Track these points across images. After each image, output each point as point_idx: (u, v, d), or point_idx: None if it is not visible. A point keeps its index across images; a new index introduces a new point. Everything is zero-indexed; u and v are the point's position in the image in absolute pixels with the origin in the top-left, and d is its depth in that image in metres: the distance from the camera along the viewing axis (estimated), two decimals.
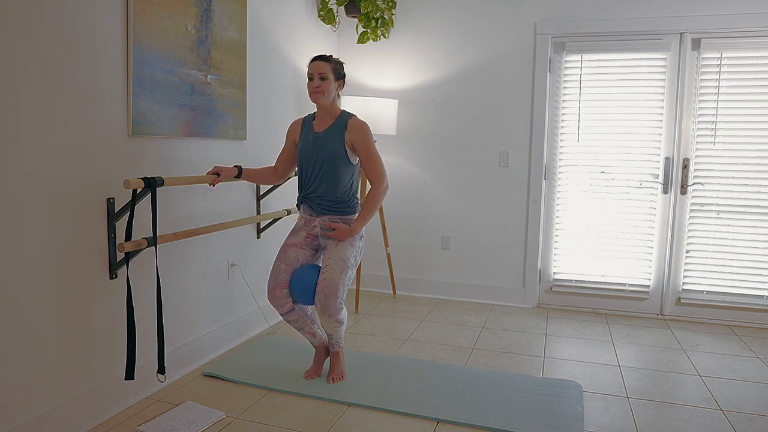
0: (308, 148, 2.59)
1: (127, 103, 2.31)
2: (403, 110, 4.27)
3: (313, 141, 2.58)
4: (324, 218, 2.60)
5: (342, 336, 2.64)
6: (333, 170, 2.55)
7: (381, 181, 2.59)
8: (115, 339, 2.33)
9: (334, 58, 2.57)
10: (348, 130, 2.55)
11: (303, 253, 2.63)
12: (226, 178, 2.60)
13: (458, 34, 4.09)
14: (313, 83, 2.53)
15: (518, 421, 2.30)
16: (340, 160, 2.54)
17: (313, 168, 2.58)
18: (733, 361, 3.08)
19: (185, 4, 2.59)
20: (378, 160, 2.59)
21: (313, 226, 2.63)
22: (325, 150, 2.55)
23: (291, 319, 2.62)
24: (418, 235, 4.32)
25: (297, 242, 2.64)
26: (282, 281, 2.58)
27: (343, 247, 2.56)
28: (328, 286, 2.47)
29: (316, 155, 2.56)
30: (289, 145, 2.74)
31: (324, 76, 2.52)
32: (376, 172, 2.58)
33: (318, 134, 2.59)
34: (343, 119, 2.58)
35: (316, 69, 2.52)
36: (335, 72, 2.55)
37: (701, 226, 3.75)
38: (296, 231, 2.67)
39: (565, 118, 3.93)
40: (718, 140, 3.66)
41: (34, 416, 1.98)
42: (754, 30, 3.52)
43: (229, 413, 2.36)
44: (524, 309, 4.04)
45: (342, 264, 2.51)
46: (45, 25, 1.94)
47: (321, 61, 2.53)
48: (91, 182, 2.16)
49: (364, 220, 2.59)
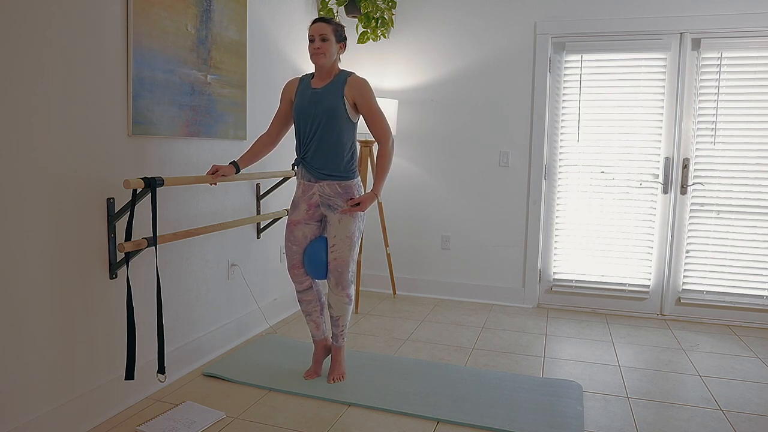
0: (305, 104, 2.53)
1: (127, 103, 2.31)
2: (403, 110, 4.27)
3: (310, 97, 2.53)
4: (323, 184, 2.56)
5: (348, 321, 2.67)
6: (332, 126, 2.49)
7: (388, 138, 2.58)
8: (115, 339, 2.33)
9: (334, 21, 2.54)
10: (348, 85, 2.51)
11: (309, 229, 2.63)
12: (226, 175, 2.55)
13: (458, 34, 4.09)
14: (314, 44, 2.49)
15: (518, 421, 2.30)
16: (339, 116, 2.49)
17: (311, 125, 2.52)
18: (733, 361, 3.08)
19: (185, 4, 2.59)
20: (382, 115, 2.55)
21: (312, 194, 2.59)
22: (324, 105, 2.49)
23: (305, 299, 2.68)
24: (418, 235, 4.32)
25: (300, 218, 2.62)
26: (297, 262, 2.65)
27: (346, 222, 2.55)
28: (339, 264, 2.56)
29: (314, 110, 2.50)
30: (285, 106, 2.67)
31: (325, 37, 2.48)
32: (381, 128, 2.55)
33: (316, 90, 2.53)
34: (343, 76, 2.54)
35: (317, 30, 2.49)
36: (336, 33, 2.52)
37: (701, 226, 3.75)
38: (296, 204, 2.63)
39: (565, 118, 3.93)
40: (718, 140, 3.66)
41: (34, 416, 1.98)
42: (754, 30, 3.52)
43: (229, 413, 2.36)
44: (524, 309, 4.04)
45: (348, 241, 2.56)
46: (45, 26, 1.94)
47: (322, 23, 2.49)
48: (91, 182, 2.16)
49: (382, 181, 2.58)
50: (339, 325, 2.66)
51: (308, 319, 2.72)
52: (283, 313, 3.73)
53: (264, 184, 3.40)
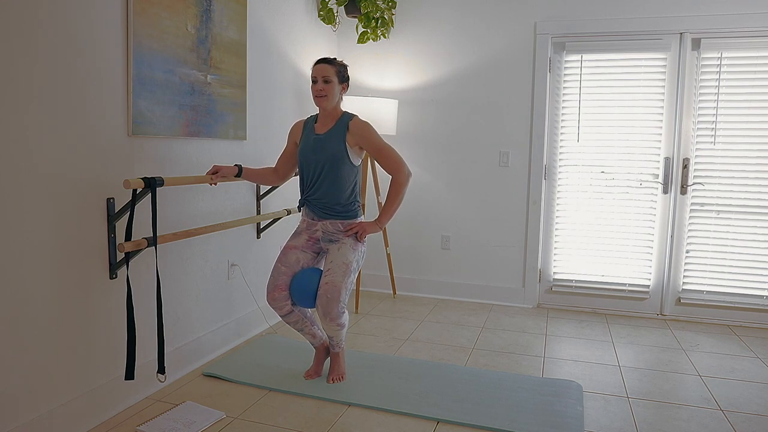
0: (309, 150, 2.57)
1: (127, 103, 2.31)
2: (403, 110, 4.27)
3: (314, 143, 2.57)
4: (326, 223, 2.59)
5: (343, 338, 2.63)
6: (334, 172, 2.53)
7: (400, 169, 2.54)
8: (115, 339, 2.33)
9: (338, 61, 2.55)
10: (350, 131, 2.53)
11: (304, 256, 2.62)
12: (226, 176, 2.58)
13: (458, 34, 4.09)
14: (317, 86, 2.50)
15: (518, 421, 2.30)
16: (341, 162, 2.52)
17: (314, 170, 2.56)
18: (733, 361, 3.08)
19: (185, 4, 2.59)
20: (389, 150, 2.54)
21: (315, 230, 2.62)
22: (327, 151, 2.53)
23: (290, 321, 2.62)
24: (418, 235, 4.32)
25: (298, 245, 2.63)
26: (281, 283, 2.56)
27: (345, 250, 2.54)
28: (330, 290, 2.45)
29: (316, 157, 2.54)
30: (291, 147, 2.73)
31: (328, 79, 2.49)
32: (391, 162, 2.54)
33: (319, 136, 2.57)
34: (345, 120, 2.56)
35: (320, 72, 2.50)
36: (339, 75, 2.52)
37: (701, 226, 3.75)
38: (298, 234, 2.66)
39: (565, 118, 3.93)
40: (718, 140, 3.66)
41: (34, 416, 1.98)
42: (754, 30, 3.52)
43: (229, 413, 2.36)
44: (524, 309, 4.04)
45: (344, 268, 2.49)
46: (45, 26, 1.94)
47: (325, 64, 2.50)
48: (91, 182, 2.16)
49: (390, 212, 2.57)
50: (334, 339, 2.63)
51: (302, 333, 2.68)
52: None
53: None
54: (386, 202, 2.58)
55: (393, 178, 2.56)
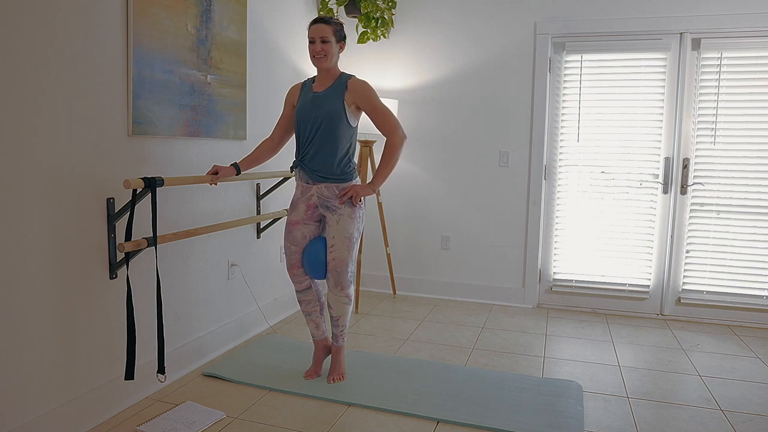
0: (306, 108, 2.54)
1: (127, 103, 2.31)
2: (403, 110, 4.27)
3: (311, 100, 2.54)
4: (320, 186, 2.56)
5: (348, 321, 2.66)
6: (331, 130, 2.50)
7: (395, 131, 2.53)
8: (115, 339, 2.33)
9: (334, 20, 2.53)
10: (348, 90, 2.51)
11: (308, 229, 2.63)
12: (226, 176, 2.57)
13: (458, 34, 4.09)
14: (315, 47, 2.49)
15: (518, 421, 2.30)
16: (338, 120, 2.49)
17: (310, 128, 2.53)
18: (733, 361, 3.08)
19: (185, 4, 2.59)
20: (387, 111, 2.53)
21: (310, 195, 2.60)
22: (324, 108, 2.50)
23: (305, 299, 2.69)
24: (418, 235, 4.32)
25: (299, 219, 2.62)
26: (296, 261, 2.65)
27: (344, 223, 2.54)
28: (338, 265, 2.55)
29: (314, 114, 2.51)
30: (288, 110, 2.69)
31: (325, 39, 2.47)
32: (387, 124, 2.53)
33: (317, 94, 2.55)
34: (343, 79, 2.54)
35: (318, 32, 2.48)
36: (336, 34, 2.51)
37: (701, 226, 3.75)
38: (295, 205, 2.64)
39: (565, 118, 3.93)
40: (718, 140, 3.66)
41: (34, 416, 1.98)
42: (754, 30, 3.52)
43: (229, 413, 2.36)
44: (524, 309, 4.04)
45: (347, 242, 2.55)
46: (45, 26, 1.94)
47: (322, 24, 2.48)
48: (91, 182, 2.16)
49: (383, 175, 2.56)
50: (339, 325, 2.66)
51: (308, 319, 2.73)
52: (283, 313, 3.73)
53: (264, 184, 3.40)
54: (380, 164, 2.56)
55: (387, 139, 2.54)
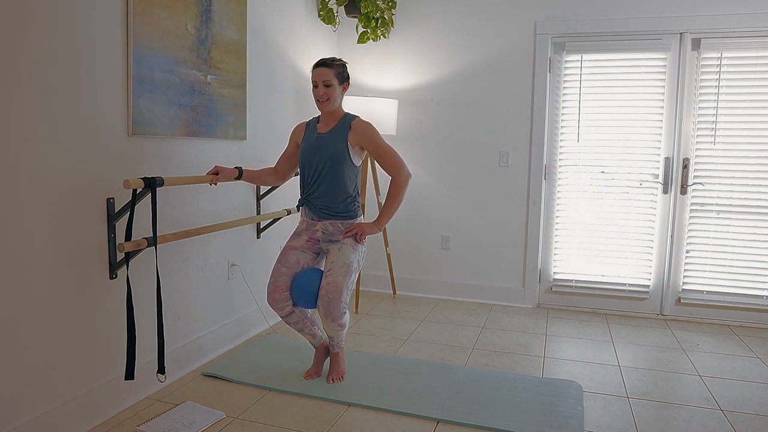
0: (310, 149, 2.58)
1: (127, 103, 2.31)
2: (403, 110, 4.27)
3: (315, 141, 2.57)
4: (325, 223, 2.59)
5: (343, 338, 2.63)
6: (335, 171, 2.53)
7: (400, 171, 2.55)
8: (115, 339, 2.33)
9: (337, 62, 2.53)
10: (352, 131, 2.54)
11: (304, 257, 2.62)
12: (226, 177, 2.59)
13: (458, 34, 4.09)
14: (318, 91, 2.51)
15: (518, 421, 2.30)
16: (342, 161, 2.53)
17: (315, 169, 2.56)
18: (733, 361, 3.08)
19: (185, 4, 2.59)
20: (390, 151, 2.55)
21: (315, 230, 2.62)
22: (328, 150, 2.53)
23: (291, 322, 2.61)
24: (418, 235, 4.32)
25: (298, 245, 2.63)
26: (282, 284, 2.56)
27: (346, 251, 2.54)
28: (331, 290, 2.44)
29: (318, 156, 2.55)
30: (292, 147, 2.74)
31: (328, 83, 2.49)
32: (392, 164, 2.55)
33: (321, 135, 2.58)
34: (347, 120, 2.57)
35: (320, 77, 2.49)
36: (339, 76, 2.52)
37: (701, 226, 3.75)
38: (298, 234, 2.66)
39: (565, 118, 3.93)
40: (718, 140, 3.66)
41: (34, 416, 1.98)
42: (754, 30, 3.52)
43: (229, 413, 2.36)
44: (524, 309, 4.04)
45: (345, 268, 2.49)
46: (45, 25, 1.94)
47: (324, 68, 2.50)
48: (91, 182, 2.16)
49: (388, 214, 2.58)
50: (334, 340, 2.63)
51: (302, 333, 2.68)
52: None
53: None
54: (385, 203, 2.59)
55: (393, 179, 2.57)
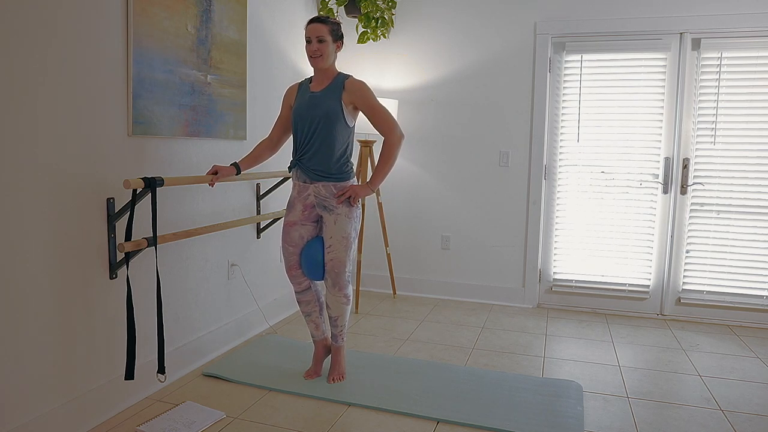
0: (303, 108, 2.54)
1: (127, 103, 2.31)
2: (403, 110, 4.27)
3: (308, 100, 2.54)
4: (318, 186, 2.56)
5: (346, 321, 2.67)
6: (328, 130, 2.49)
7: (393, 130, 2.52)
8: (115, 339, 2.33)
9: (331, 19, 2.52)
10: (345, 90, 2.51)
11: (305, 230, 2.63)
12: (226, 176, 2.58)
13: (458, 34, 4.09)
14: (312, 47, 2.48)
15: (518, 421, 2.30)
16: (335, 120, 2.49)
17: (308, 128, 2.53)
18: (733, 361, 3.08)
19: (185, 4, 2.59)
20: (384, 110, 2.53)
21: (307, 195, 2.59)
22: (321, 108, 2.49)
23: (304, 300, 2.69)
24: (418, 235, 4.32)
25: (296, 219, 2.62)
26: (294, 263, 2.65)
27: (342, 223, 2.55)
28: (336, 265, 2.56)
29: (311, 114, 2.51)
30: (285, 111, 2.70)
31: (322, 38, 2.47)
32: (385, 123, 2.52)
33: (314, 94, 2.54)
34: (341, 79, 2.54)
35: (314, 32, 2.47)
36: (333, 33, 2.50)
37: (701, 226, 3.75)
38: (292, 205, 2.64)
39: (565, 118, 3.93)
40: (718, 140, 3.66)
41: (34, 416, 1.98)
42: (754, 30, 3.52)
43: (229, 413, 2.36)
44: (524, 309, 4.04)
45: (344, 242, 2.56)
46: (44, 25, 1.94)
47: (318, 24, 2.48)
48: (91, 182, 2.16)
49: (381, 174, 2.55)
50: (338, 325, 2.66)
51: (308, 319, 2.73)
52: (283, 313, 3.73)
53: (264, 184, 3.40)
54: (378, 163, 2.56)
55: (385, 139, 2.54)
